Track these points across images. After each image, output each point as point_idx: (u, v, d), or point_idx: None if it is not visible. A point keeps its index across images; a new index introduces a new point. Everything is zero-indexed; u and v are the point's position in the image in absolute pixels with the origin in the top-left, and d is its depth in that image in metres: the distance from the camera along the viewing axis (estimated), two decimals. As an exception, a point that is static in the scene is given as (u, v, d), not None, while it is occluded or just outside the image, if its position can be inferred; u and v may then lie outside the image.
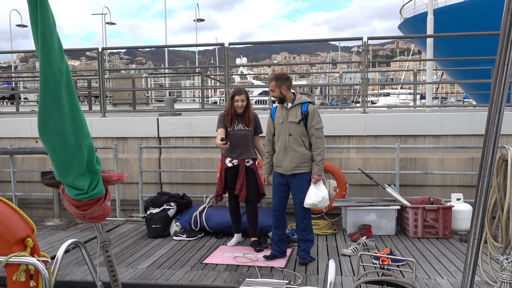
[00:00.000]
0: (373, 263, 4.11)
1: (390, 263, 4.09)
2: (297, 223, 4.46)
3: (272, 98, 4.84)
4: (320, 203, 4.21)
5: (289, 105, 4.38)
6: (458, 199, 5.49)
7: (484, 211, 1.67)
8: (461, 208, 5.38)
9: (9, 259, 1.97)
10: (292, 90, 4.45)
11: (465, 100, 24.67)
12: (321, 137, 4.33)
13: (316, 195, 4.21)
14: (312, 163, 4.32)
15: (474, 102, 18.72)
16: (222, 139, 4.63)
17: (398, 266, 4.16)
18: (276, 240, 4.53)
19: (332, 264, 2.54)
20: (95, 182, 1.78)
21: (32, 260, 1.97)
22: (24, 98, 19.03)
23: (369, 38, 6.61)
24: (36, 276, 2.01)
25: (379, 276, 3.42)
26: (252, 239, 4.94)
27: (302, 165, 4.30)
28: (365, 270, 3.97)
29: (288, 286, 3.48)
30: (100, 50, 7.18)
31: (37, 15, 1.50)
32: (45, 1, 1.50)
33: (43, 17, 1.50)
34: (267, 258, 4.48)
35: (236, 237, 5.16)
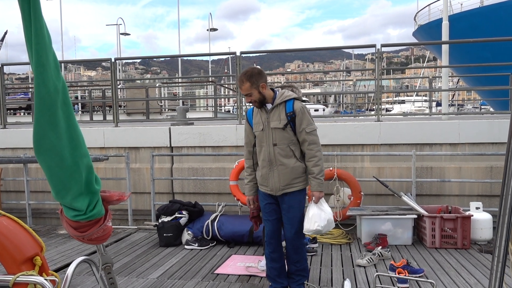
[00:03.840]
0: (389, 275, 3.98)
1: (407, 274, 3.96)
2: (289, 254, 3.57)
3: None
4: (325, 227, 3.38)
5: (269, 106, 3.41)
6: (477, 208, 5.31)
7: (509, 222, 1.57)
8: (481, 217, 5.21)
9: (17, 278, 1.94)
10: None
11: (482, 107, 24.27)
12: (316, 142, 3.36)
13: (320, 217, 3.34)
14: (308, 176, 3.42)
15: (491, 109, 18.38)
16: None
17: (415, 277, 4.03)
18: (274, 275, 3.58)
19: (347, 284, 2.45)
20: (94, 203, 1.70)
21: (40, 279, 1.93)
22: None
23: (382, 46, 6.51)
24: None
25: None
26: None
27: (294, 182, 3.39)
28: (380, 282, 3.86)
29: None
30: (113, 60, 7.24)
31: (32, 33, 1.43)
32: (40, 19, 1.43)
33: (37, 35, 1.43)
34: None
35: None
